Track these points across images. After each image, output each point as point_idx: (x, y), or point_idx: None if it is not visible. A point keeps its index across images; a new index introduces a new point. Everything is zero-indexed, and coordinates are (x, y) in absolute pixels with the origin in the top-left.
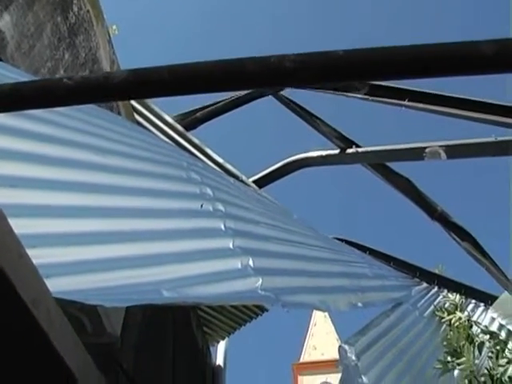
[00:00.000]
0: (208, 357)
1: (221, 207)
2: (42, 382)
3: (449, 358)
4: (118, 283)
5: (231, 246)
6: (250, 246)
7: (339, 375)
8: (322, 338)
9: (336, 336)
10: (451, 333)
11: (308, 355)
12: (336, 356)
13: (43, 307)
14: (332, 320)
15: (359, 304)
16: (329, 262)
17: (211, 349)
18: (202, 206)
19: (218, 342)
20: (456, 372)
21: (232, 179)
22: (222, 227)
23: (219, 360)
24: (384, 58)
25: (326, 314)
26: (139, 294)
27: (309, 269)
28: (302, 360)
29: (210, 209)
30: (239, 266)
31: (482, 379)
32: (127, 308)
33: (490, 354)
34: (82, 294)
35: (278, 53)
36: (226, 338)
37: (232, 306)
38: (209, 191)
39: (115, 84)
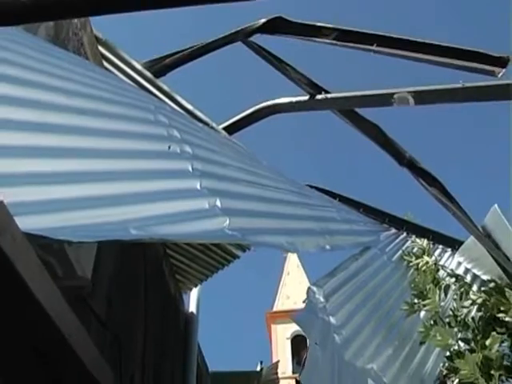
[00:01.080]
0: (181, 304)
1: (188, 149)
2: (8, 312)
3: (415, 300)
4: (86, 222)
5: (198, 186)
6: (218, 187)
7: None
8: (294, 288)
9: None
10: (418, 276)
11: (281, 304)
12: None
13: (8, 235)
14: (305, 269)
15: (327, 247)
16: (297, 205)
17: (184, 296)
18: (169, 147)
19: (191, 290)
20: (422, 313)
21: (201, 124)
22: (190, 168)
23: (192, 307)
24: None
25: (299, 263)
26: (107, 232)
27: (277, 211)
28: (275, 309)
29: (178, 150)
30: (207, 206)
31: (447, 320)
32: (97, 253)
33: (455, 297)
34: (49, 231)
35: None
36: (199, 286)
37: (204, 254)
38: (176, 133)
39: None
